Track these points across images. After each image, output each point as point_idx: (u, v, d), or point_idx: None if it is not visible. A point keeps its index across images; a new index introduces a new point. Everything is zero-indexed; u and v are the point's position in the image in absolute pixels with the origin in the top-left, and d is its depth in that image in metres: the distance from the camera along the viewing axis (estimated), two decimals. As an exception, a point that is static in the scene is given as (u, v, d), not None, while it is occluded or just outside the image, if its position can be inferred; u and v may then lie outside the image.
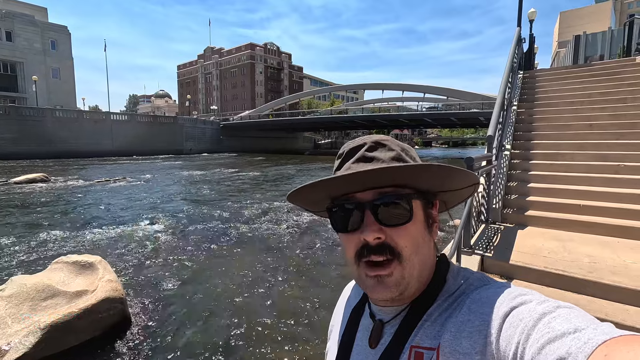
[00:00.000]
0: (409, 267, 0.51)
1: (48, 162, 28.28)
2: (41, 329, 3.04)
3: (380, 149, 0.54)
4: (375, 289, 0.51)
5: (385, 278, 0.50)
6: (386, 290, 0.51)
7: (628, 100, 5.68)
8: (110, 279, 3.78)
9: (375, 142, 0.55)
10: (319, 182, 0.50)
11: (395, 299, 0.53)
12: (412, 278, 0.51)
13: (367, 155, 0.53)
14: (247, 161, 32.66)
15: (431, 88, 45.10)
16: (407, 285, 0.51)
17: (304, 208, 0.63)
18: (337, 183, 0.51)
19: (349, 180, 0.50)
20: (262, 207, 10.33)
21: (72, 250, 6.18)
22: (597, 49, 26.02)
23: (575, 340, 0.35)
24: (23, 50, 42.26)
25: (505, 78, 5.14)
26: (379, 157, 0.53)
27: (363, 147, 0.54)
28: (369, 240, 0.50)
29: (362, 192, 0.52)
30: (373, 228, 0.50)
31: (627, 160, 4.45)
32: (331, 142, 67.93)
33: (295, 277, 5.22)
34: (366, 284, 0.52)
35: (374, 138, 0.56)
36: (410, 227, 0.51)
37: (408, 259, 0.51)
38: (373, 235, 0.50)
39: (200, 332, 3.70)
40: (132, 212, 9.61)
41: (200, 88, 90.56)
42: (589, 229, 3.63)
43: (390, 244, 0.51)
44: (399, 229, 0.51)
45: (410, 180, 0.52)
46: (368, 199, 0.52)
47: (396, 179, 0.51)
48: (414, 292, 0.53)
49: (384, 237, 0.50)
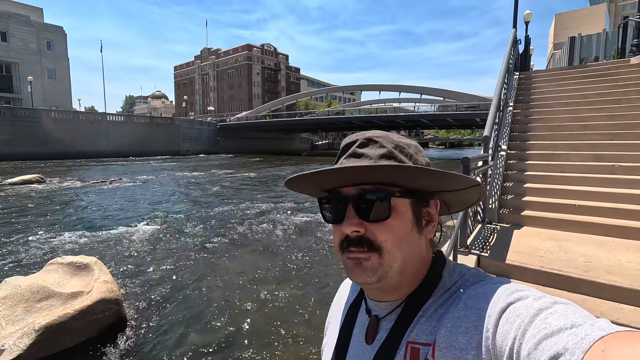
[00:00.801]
0: (388, 259, 0.51)
1: (43, 163, 28.09)
2: (36, 331, 3.01)
3: (371, 145, 0.55)
4: (354, 270, 0.52)
5: (363, 261, 0.51)
6: (363, 272, 0.51)
7: (623, 101, 5.72)
8: (105, 280, 3.75)
9: (367, 139, 0.55)
10: (306, 174, 0.52)
11: (374, 287, 0.53)
12: (390, 268, 0.52)
13: (357, 152, 0.54)
14: (243, 162, 32.61)
15: (428, 89, 45.29)
16: (385, 274, 0.51)
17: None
18: (325, 176, 0.53)
19: (330, 175, 0.52)
20: (258, 208, 10.31)
21: (67, 251, 6.13)
22: (592, 51, 26.23)
23: (572, 335, 0.35)
24: (18, 51, 41.96)
25: (501, 79, 5.17)
26: (368, 154, 0.53)
27: (355, 144, 0.55)
28: (348, 233, 0.52)
29: (347, 188, 0.54)
30: (352, 222, 0.52)
31: (622, 160, 4.48)
32: (328, 143, 67.92)
33: (291, 277, 5.21)
34: (347, 266, 0.54)
35: (367, 135, 0.56)
36: (391, 223, 0.52)
37: (388, 252, 0.51)
38: (351, 229, 0.52)
39: (196, 333, 3.69)
40: (128, 213, 9.56)
41: (197, 89, 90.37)
42: (584, 228, 3.66)
43: (369, 238, 0.52)
44: (380, 224, 0.52)
45: (392, 179, 0.52)
46: (351, 194, 0.53)
47: (376, 177, 0.52)
48: (401, 285, 0.54)
49: (363, 231, 0.52)
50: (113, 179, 16.91)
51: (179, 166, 27.19)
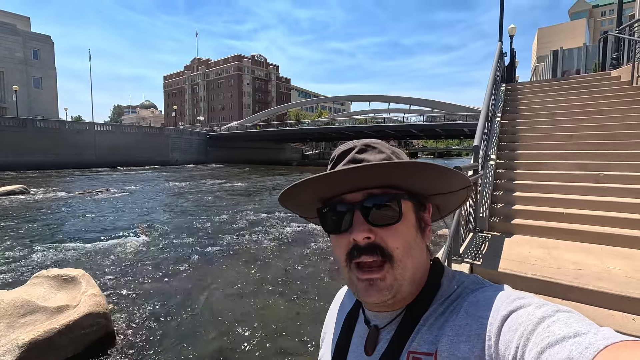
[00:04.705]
0: (401, 269, 0.50)
1: (28, 173, 27.43)
2: (19, 347, 2.89)
3: (370, 151, 0.54)
4: (367, 291, 0.50)
5: (378, 281, 0.50)
6: (378, 293, 0.50)
7: (605, 112, 5.91)
8: (93, 293, 3.65)
9: (365, 145, 0.55)
10: (308, 180, 0.50)
11: (387, 303, 0.52)
12: (404, 281, 0.51)
13: (356, 158, 0.53)
14: (233, 172, 32.41)
15: (417, 100, 46.09)
16: (399, 288, 0.50)
17: (296, 213, 0.62)
18: (327, 182, 0.51)
19: (338, 178, 0.50)
20: (248, 218, 10.23)
21: (53, 263, 5.95)
22: (573, 64, 27.18)
23: (576, 344, 0.34)
24: (3, 60, 41.36)
25: (489, 90, 5.29)
26: (369, 159, 0.53)
27: (353, 150, 0.55)
28: (358, 240, 0.50)
29: (352, 194, 0.52)
30: (362, 228, 0.50)
31: (606, 169, 4.61)
32: (319, 152, 68.22)
33: (282, 288, 5.15)
34: (357, 287, 0.51)
35: (364, 141, 0.56)
36: (400, 228, 0.51)
37: (400, 260, 0.50)
38: (362, 235, 0.50)
39: (186, 348, 3.60)
40: (116, 225, 9.36)
41: (187, 99, 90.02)
42: (572, 236, 3.72)
43: (380, 245, 0.50)
44: (389, 229, 0.51)
45: (400, 181, 0.52)
46: (357, 200, 0.52)
47: (386, 178, 0.51)
48: (408, 295, 0.53)
49: (373, 237, 0.50)
50: (100, 190, 16.59)
51: (168, 176, 26.87)
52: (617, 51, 8.30)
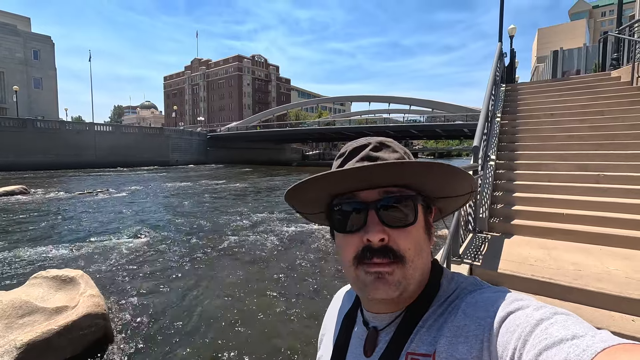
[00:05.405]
0: (412, 270, 0.50)
1: (27, 173, 27.44)
2: (17, 348, 2.89)
3: (384, 149, 0.54)
4: (375, 284, 0.49)
5: (387, 275, 0.49)
6: (386, 286, 0.49)
7: (605, 112, 5.90)
8: (92, 294, 3.64)
9: (380, 143, 0.54)
10: (324, 175, 0.48)
11: (392, 301, 0.51)
12: (413, 280, 0.50)
13: (371, 155, 0.52)
14: (233, 173, 32.42)
15: (416, 100, 46.13)
16: (407, 287, 0.50)
17: (297, 210, 0.61)
18: (344, 178, 0.49)
19: (356, 175, 0.48)
20: (248, 219, 10.22)
21: (52, 264, 5.95)
22: (573, 64, 27.19)
23: (574, 347, 0.34)
24: (4, 60, 41.42)
25: (488, 91, 5.28)
26: (384, 157, 0.52)
27: (368, 147, 0.54)
28: (373, 241, 0.49)
29: (366, 191, 0.51)
30: (378, 229, 0.49)
31: (606, 170, 4.60)
32: (319, 153, 68.25)
33: (282, 289, 5.14)
34: (365, 282, 0.50)
35: (378, 139, 0.55)
36: (412, 230, 0.51)
37: (411, 261, 0.50)
38: (378, 237, 0.48)
39: (185, 349, 3.59)
40: (116, 225, 9.36)
41: (187, 99, 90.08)
42: (572, 237, 3.71)
43: (393, 247, 0.49)
44: (403, 230, 0.50)
45: (416, 181, 0.51)
46: (373, 199, 0.50)
47: (404, 178, 0.50)
48: (411, 296, 0.53)
49: (387, 239, 0.49)
50: (99, 190, 16.60)
51: (168, 177, 26.88)
52: (617, 51, 8.29)
